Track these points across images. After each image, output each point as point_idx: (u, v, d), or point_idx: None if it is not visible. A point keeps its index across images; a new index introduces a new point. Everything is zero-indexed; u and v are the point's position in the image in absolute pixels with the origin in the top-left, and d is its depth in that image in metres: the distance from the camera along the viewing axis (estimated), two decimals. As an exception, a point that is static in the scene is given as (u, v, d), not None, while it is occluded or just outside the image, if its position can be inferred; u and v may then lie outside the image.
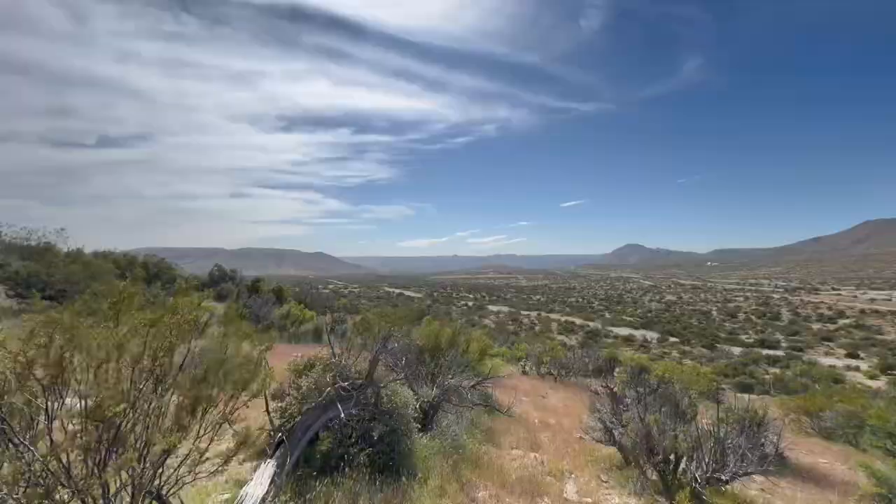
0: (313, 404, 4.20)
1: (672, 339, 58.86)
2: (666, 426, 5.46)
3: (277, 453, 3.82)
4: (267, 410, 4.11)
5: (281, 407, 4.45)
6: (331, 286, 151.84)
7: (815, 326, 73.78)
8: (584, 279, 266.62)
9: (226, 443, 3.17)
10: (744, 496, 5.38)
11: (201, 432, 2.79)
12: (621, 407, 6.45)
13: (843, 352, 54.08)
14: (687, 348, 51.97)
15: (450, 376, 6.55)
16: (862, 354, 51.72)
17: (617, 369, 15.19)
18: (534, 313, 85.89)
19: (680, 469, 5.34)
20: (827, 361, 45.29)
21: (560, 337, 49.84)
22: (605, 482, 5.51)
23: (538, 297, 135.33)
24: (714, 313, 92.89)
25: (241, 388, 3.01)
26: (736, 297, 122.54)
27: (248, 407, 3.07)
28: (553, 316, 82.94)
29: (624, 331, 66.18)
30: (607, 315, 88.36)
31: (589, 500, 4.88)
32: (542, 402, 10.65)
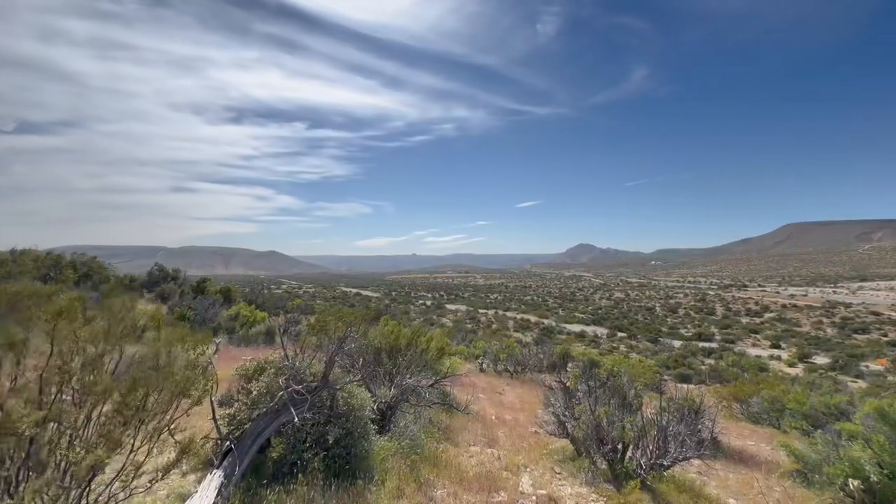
0: (264, 409, 4.01)
1: (620, 334, 62.09)
2: (614, 417, 5.74)
3: (225, 463, 3.61)
4: (213, 418, 3.88)
5: (229, 414, 4.22)
6: (284, 286, 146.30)
7: (744, 320, 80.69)
8: (540, 278, 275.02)
9: (167, 454, 2.96)
10: (683, 479, 5.76)
11: (137, 445, 2.58)
12: (574, 400, 6.69)
13: (767, 343, 59.56)
14: (634, 342, 55.00)
15: (408, 376, 6.51)
16: (783, 345, 57.23)
17: (570, 364, 15.79)
18: (491, 312, 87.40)
19: (627, 457, 5.63)
20: (754, 352, 49.66)
21: (516, 334, 51.04)
22: (559, 474, 5.70)
23: (495, 295, 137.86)
24: (658, 309, 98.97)
25: (183, 395, 2.82)
26: (677, 293, 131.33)
27: (188, 416, 2.87)
28: (510, 314, 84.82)
29: (576, 327, 68.97)
30: (561, 312, 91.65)
31: (543, 491, 5.02)
32: (498, 399, 10.85)
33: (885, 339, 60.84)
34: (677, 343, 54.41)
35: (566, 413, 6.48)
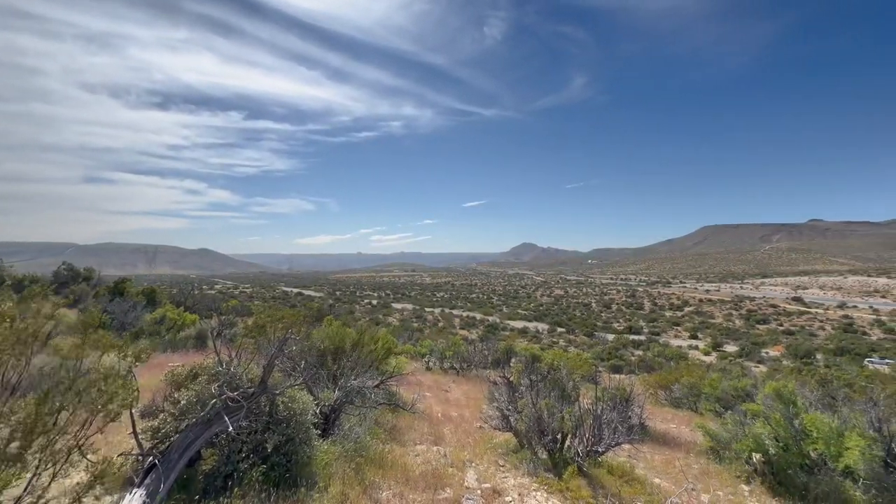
0: (194, 420, 3.72)
1: (560, 330, 65.18)
2: (555, 409, 6.02)
3: (147, 480, 3.31)
4: (133, 431, 3.53)
5: (153, 426, 3.87)
6: (217, 286, 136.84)
7: (668, 314, 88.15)
8: (485, 276, 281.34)
9: (79, 475, 2.65)
10: (615, 463, 6.17)
11: (41, 466, 2.28)
12: (517, 395, 6.93)
13: (687, 334, 65.53)
14: (572, 337, 58.01)
15: (353, 377, 6.37)
16: (700, 335, 63.27)
17: (513, 360, 16.32)
18: (438, 310, 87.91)
19: (565, 446, 5.92)
20: (676, 343, 54.45)
21: (462, 332, 51.79)
22: (503, 466, 5.87)
23: (442, 294, 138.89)
24: (593, 305, 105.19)
25: (98, 408, 2.53)
26: (610, 290, 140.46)
27: (102, 433, 2.59)
28: (456, 312, 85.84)
29: (519, 323, 71.38)
30: (505, 309, 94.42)
31: (488, 485, 5.14)
32: (445, 396, 10.95)
33: (781, 328, 69.49)
34: (611, 336, 58.17)
35: (510, 407, 6.69)
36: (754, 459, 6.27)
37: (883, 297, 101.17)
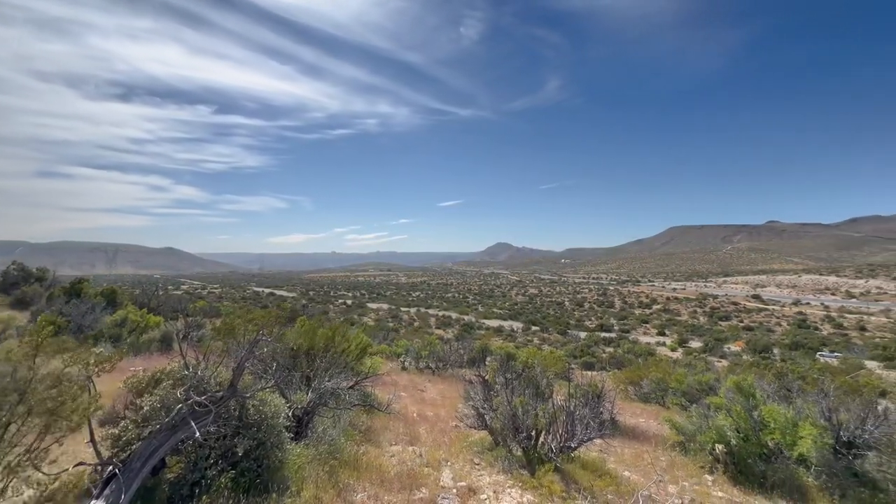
0: (158, 426, 3.57)
1: (534, 328, 66.16)
2: (529, 406, 6.11)
3: (107, 491, 3.14)
4: (92, 440, 3.35)
5: (113, 434, 3.68)
6: (184, 287, 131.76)
7: (637, 312, 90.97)
8: (461, 276, 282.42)
9: (30, 489, 2.49)
10: (587, 458, 6.32)
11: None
12: (492, 393, 6.99)
13: (655, 331, 67.83)
14: (546, 335, 58.98)
15: (327, 379, 6.25)
16: (667, 332, 65.63)
17: (488, 358, 16.45)
18: (413, 309, 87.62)
19: (540, 443, 6.02)
20: (645, 339, 56.26)
21: (438, 331, 51.81)
22: (478, 464, 5.91)
23: (417, 293, 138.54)
24: (566, 304, 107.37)
25: (52, 418, 2.39)
26: (583, 289, 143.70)
27: (60, 444, 2.44)
28: (431, 311, 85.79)
29: (494, 322, 72.02)
30: (480, 308, 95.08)
31: (463, 483, 5.17)
32: (420, 396, 10.92)
33: (742, 324, 72.96)
34: (583, 334, 59.50)
35: (485, 405, 6.74)
36: (717, 450, 6.56)
37: (833, 294, 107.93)
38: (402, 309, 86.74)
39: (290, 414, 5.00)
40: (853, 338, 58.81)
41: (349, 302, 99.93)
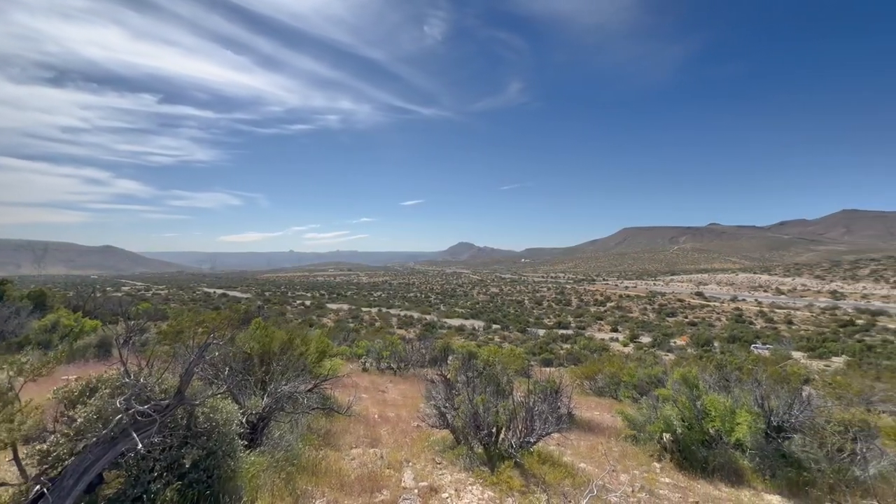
0: (95, 439, 3.29)
1: (495, 326, 67.28)
2: (490, 403, 6.19)
3: (33, 513, 2.86)
4: (15, 457, 3.04)
5: (41, 450, 3.35)
6: (125, 288, 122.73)
7: (593, 309, 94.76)
8: (423, 275, 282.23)
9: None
10: (545, 452, 6.50)
11: None
12: (454, 391, 7.02)
13: (609, 327, 70.93)
14: (506, 333, 60.13)
15: (284, 382, 6.03)
16: (620, 328, 68.83)
17: (450, 357, 16.53)
18: (375, 309, 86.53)
19: (500, 439, 6.12)
20: (600, 336, 58.73)
21: (400, 331, 51.44)
22: (440, 463, 5.92)
23: (379, 293, 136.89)
24: (526, 302, 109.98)
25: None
26: (542, 288, 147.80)
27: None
28: (393, 311, 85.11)
29: (456, 321, 72.54)
30: (442, 308, 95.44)
31: (425, 483, 5.16)
32: (381, 397, 10.79)
33: (687, 320, 77.90)
34: (542, 332, 61.19)
35: (447, 404, 6.76)
36: (664, 439, 6.95)
37: (765, 291, 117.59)
38: (363, 309, 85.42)
39: (243, 420, 4.78)
40: (782, 331, 64.40)
41: (308, 303, 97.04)
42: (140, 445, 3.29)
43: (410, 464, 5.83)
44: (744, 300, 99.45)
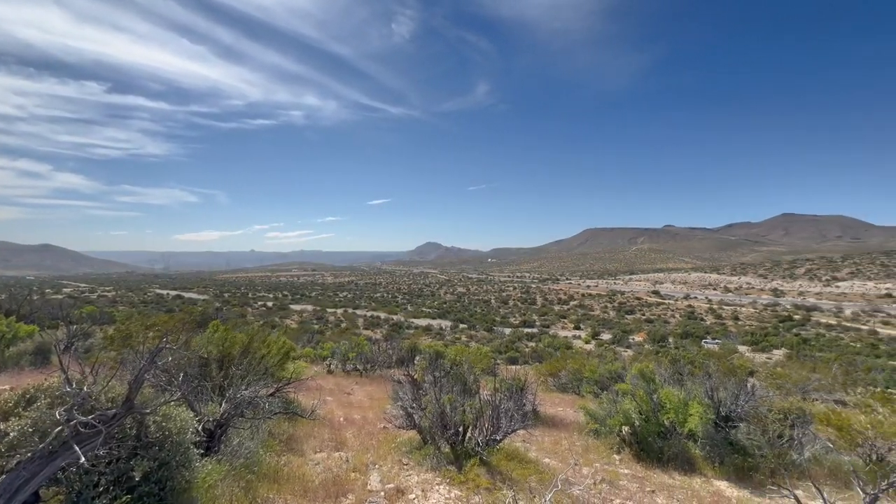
0: (30, 454, 3.03)
1: (462, 326, 67.69)
2: (457, 403, 6.22)
3: (-43, 538, 2.60)
4: (-65, 479, 2.75)
5: (-34, 468, 3.05)
6: (67, 290, 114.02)
7: (556, 308, 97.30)
8: (390, 275, 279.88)
9: None
10: (511, 449, 6.61)
11: None
12: (421, 392, 7.00)
13: (572, 325, 73.06)
14: (473, 332, 60.61)
15: (243, 387, 5.80)
16: (582, 326, 71.05)
17: (417, 357, 16.47)
18: (340, 310, 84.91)
19: (467, 438, 6.16)
20: (563, 333, 60.34)
21: (366, 332, 50.74)
22: (407, 465, 5.88)
23: (345, 293, 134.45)
24: (492, 301, 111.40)
25: None
26: (508, 287, 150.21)
27: None
28: (360, 312, 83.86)
29: (424, 321, 72.38)
30: (409, 308, 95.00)
31: (391, 485, 5.11)
32: (347, 399, 10.60)
33: (644, 317, 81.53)
34: (508, 330, 62.14)
35: (414, 405, 6.73)
36: (624, 432, 7.24)
37: (715, 289, 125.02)
38: (329, 310, 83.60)
39: (199, 428, 4.56)
40: (729, 326, 68.73)
41: (270, 304, 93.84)
42: (83, 459, 3.06)
43: (377, 466, 5.76)
44: (696, 298, 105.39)
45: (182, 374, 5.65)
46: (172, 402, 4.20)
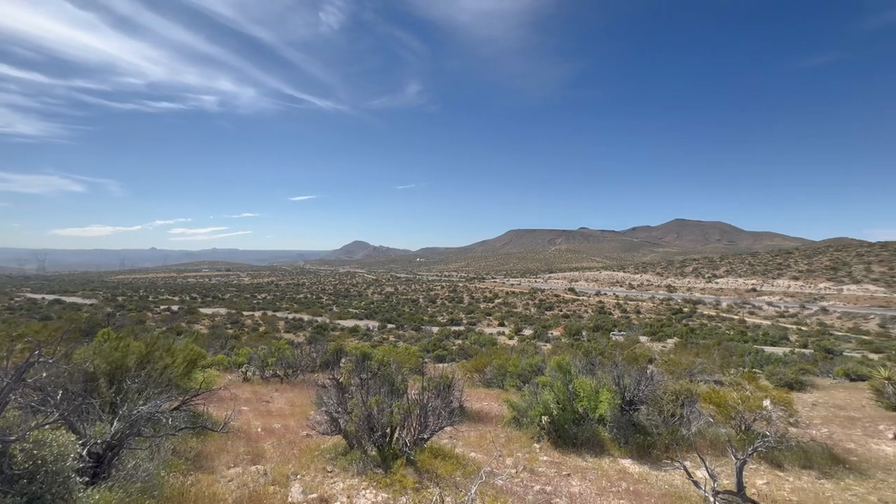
0: None
1: (390, 326, 67.02)
2: (384, 404, 6.13)
3: None
4: None
5: None
6: None
7: (482, 306, 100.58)
8: (314, 275, 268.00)
9: None
10: (438, 446, 6.69)
11: None
12: (347, 395, 6.79)
13: (497, 322, 76.04)
14: (401, 332, 60.34)
15: (141, 402, 5.15)
16: (506, 322, 74.29)
17: (343, 360, 15.96)
18: (258, 313, 79.40)
19: (394, 438, 6.10)
20: (489, 330, 62.49)
21: (288, 335, 48.01)
22: (331, 472, 5.66)
23: (264, 295, 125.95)
24: (421, 300, 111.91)
25: None
26: (436, 286, 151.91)
27: None
28: (280, 314, 79.15)
29: (350, 322, 70.42)
30: (335, 309, 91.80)
31: (314, 495, 4.89)
32: (265, 408, 9.93)
33: (561, 313, 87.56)
34: (435, 329, 62.79)
35: (339, 409, 6.50)
36: (543, 421, 7.68)
37: (621, 286, 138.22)
38: (245, 313, 77.68)
39: (84, 453, 3.96)
40: (633, 319, 76.55)
41: (175, 308, 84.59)
42: (-82, 503, 2.50)
43: (299, 477, 5.46)
44: (605, 294, 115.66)
45: (61, 392, 4.86)
46: (47, 426, 3.60)
